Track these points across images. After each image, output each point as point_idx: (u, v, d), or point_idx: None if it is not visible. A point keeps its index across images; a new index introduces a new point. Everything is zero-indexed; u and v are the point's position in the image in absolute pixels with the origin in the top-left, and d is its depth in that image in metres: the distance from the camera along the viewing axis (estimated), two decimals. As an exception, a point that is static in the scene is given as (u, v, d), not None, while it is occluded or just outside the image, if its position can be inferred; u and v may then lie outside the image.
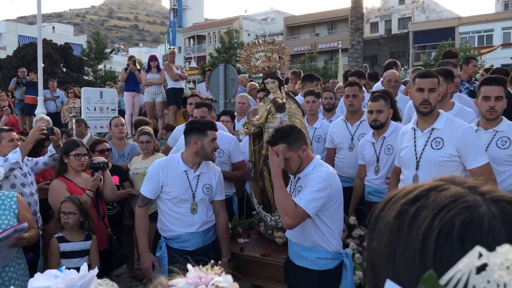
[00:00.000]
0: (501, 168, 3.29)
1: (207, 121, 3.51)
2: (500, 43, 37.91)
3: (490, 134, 3.36)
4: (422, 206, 0.66)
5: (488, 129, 3.37)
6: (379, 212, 0.73)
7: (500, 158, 3.28)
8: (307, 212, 2.76)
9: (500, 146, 3.31)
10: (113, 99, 8.23)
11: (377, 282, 0.68)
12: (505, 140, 3.30)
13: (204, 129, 3.37)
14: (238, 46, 42.76)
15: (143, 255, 3.40)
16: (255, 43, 3.62)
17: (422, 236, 0.63)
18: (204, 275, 0.77)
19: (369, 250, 0.72)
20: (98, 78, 40.54)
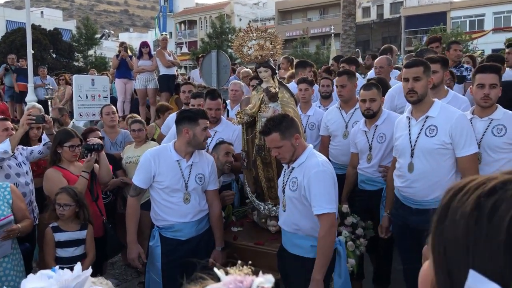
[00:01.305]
0: (498, 155, 3.29)
1: (199, 110, 3.49)
2: (491, 27, 37.98)
3: (486, 122, 3.35)
4: (501, 199, 0.68)
5: (483, 117, 3.36)
6: (449, 202, 0.77)
7: (497, 146, 3.28)
8: (333, 212, 2.83)
9: (496, 134, 3.30)
10: (105, 87, 8.16)
11: (451, 268, 0.71)
12: (501, 128, 3.29)
13: (196, 117, 3.35)
14: (229, 31, 42.44)
15: (130, 245, 3.40)
16: (247, 31, 3.59)
17: (506, 229, 0.65)
18: (243, 277, 0.75)
19: (440, 239, 0.76)
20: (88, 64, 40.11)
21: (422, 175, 3.18)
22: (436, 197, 3.18)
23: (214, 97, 4.23)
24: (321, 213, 2.81)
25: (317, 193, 2.82)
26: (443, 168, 3.15)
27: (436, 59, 3.99)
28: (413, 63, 3.33)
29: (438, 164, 3.15)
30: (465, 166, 3.11)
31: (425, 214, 3.21)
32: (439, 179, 3.16)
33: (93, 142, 4.03)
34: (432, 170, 3.16)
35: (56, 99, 10.86)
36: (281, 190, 3.11)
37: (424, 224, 3.15)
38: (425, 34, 38.03)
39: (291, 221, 3.00)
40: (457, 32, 34.08)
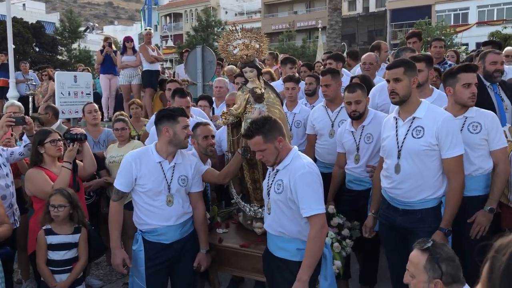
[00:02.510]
0: (476, 152, 3.34)
1: (177, 108, 3.41)
2: (475, 21, 38.35)
3: (461, 121, 3.36)
4: None
5: (458, 115, 3.37)
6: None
7: (475, 143, 3.32)
8: (322, 213, 2.82)
9: (472, 131, 3.33)
10: (87, 83, 8.03)
11: None
12: (476, 125, 3.33)
13: (175, 116, 3.28)
14: (215, 24, 42.19)
15: (114, 251, 3.33)
16: (233, 30, 3.53)
17: None
18: None
19: None
20: (72, 57, 39.59)
21: (409, 176, 3.16)
22: (423, 198, 3.16)
23: (183, 95, 4.17)
24: (311, 214, 2.78)
25: (305, 195, 2.79)
26: (430, 169, 3.13)
27: (421, 57, 3.97)
28: (393, 64, 3.30)
29: (425, 165, 3.13)
30: (450, 167, 3.10)
31: (411, 214, 3.21)
32: (426, 180, 3.14)
33: (75, 132, 3.97)
34: (419, 171, 3.14)
35: (38, 95, 10.68)
36: (266, 193, 3.07)
37: (410, 225, 3.14)
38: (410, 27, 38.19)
39: (276, 224, 2.96)
40: (441, 26, 34.33)
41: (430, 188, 3.16)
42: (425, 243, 2.15)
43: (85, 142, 4.07)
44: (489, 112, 3.42)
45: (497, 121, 3.38)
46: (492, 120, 3.35)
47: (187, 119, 3.36)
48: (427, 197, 3.16)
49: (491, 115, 3.38)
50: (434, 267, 2.07)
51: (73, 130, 4.05)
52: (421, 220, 3.17)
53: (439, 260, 2.09)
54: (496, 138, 3.34)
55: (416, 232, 3.17)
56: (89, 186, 4.63)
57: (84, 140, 4.02)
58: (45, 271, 3.53)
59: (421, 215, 3.17)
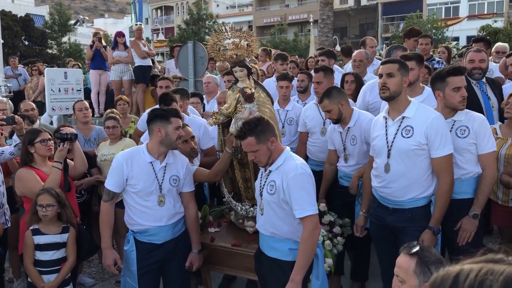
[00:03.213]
0: (464, 157, 3.31)
1: (171, 109, 3.40)
2: (466, 15, 38.51)
3: (449, 124, 3.32)
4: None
5: (447, 118, 3.32)
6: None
7: (462, 148, 3.28)
8: (315, 214, 2.84)
9: (459, 135, 3.30)
10: (78, 80, 7.95)
11: None
12: (464, 129, 3.29)
13: (168, 116, 3.27)
14: (207, 17, 41.97)
15: (106, 252, 3.32)
16: (222, 30, 3.52)
17: None
18: None
19: None
20: (62, 51, 39.25)
21: (398, 175, 3.18)
22: (413, 197, 3.19)
23: (168, 103, 4.11)
24: (304, 215, 2.79)
25: (298, 196, 2.80)
26: (419, 169, 3.15)
27: (411, 56, 3.98)
28: (389, 60, 3.31)
29: (414, 165, 3.15)
30: (439, 166, 3.12)
31: (401, 213, 3.24)
32: (416, 179, 3.16)
33: (66, 132, 3.95)
34: (408, 170, 3.15)
35: (29, 90, 10.59)
36: (258, 193, 3.08)
37: (400, 223, 3.16)
38: (401, 20, 38.35)
39: (269, 225, 2.98)
40: (432, 19, 34.43)
41: (420, 187, 3.18)
42: (412, 248, 2.15)
43: (75, 142, 4.05)
44: (478, 115, 3.37)
45: (486, 125, 3.33)
46: (481, 124, 3.30)
47: (180, 120, 3.35)
48: (416, 196, 3.19)
49: (480, 119, 3.34)
50: (424, 270, 2.08)
51: (63, 129, 4.03)
52: (411, 219, 3.20)
53: (429, 263, 2.10)
54: (484, 142, 3.29)
55: (406, 231, 3.20)
56: (80, 185, 4.61)
57: (75, 139, 4.00)
58: (32, 272, 3.51)
59: (411, 214, 3.20)
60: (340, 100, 3.93)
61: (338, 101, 3.92)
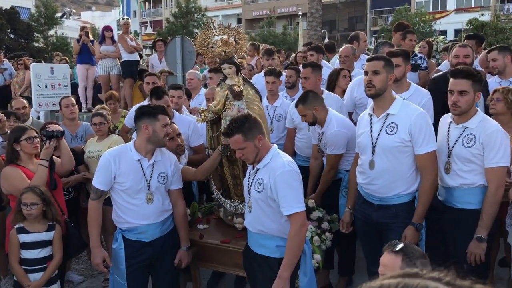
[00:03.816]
0: (466, 167, 3.16)
1: (158, 106, 3.39)
2: (454, 8, 38.73)
3: (459, 130, 3.19)
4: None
5: (459, 123, 3.19)
6: None
7: (465, 157, 3.14)
8: (302, 211, 2.84)
9: (465, 144, 3.13)
10: (64, 75, 7.87)
11: None
12: (471, 138, 3.11)
13: (155, 113, 3.26)
14: (195, 10, 41.67)
15: (94, 250, 3.32)
16: (210, 27, 3.50)
17: None
18: None
19: None
20: (49, 44, 38.79)
21: (383, 172, 3.20)
22: (397, 194, 3.22)
23: (160, 96, 4.10)
24: (291, 213, 2.81)
25: (285, 194, 2.82)
26: (403, 165, 3.17)
27: (398, 52, 3.99)
28: (374, 57, 3.32)
29: (398, 162, 3.16)
30: (423, 163, 3.14)
31: (386, 209, 3.27)
32: (400, 176, 3.18)
33: (52, 129, 3.92)
34: (392, 167, 3.17)
35: (15, 85, 10.44)
36: (246, 191, 3.09)
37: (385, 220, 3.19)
38: (390, 14, 38.43)
39: (257, 222, 2.99)
40: (421, 12, 34.56)
41: (404, 183, 3.20)
42: (396, 245, 2.18)
43: (62, 139, 4.02)
44: (492, 124, 3.12)
45: (497, 136, 3.06)
46: (491, 134, 3.05)
47: (167, 117, 3.35)
48: (401, 193, 3.21)
49: (493, 129, 3.08)
50: (410, 266, 2.12)
51: (49, 127, 3.99)
52: (396, 215, 3.23)
53: (414, 258, 2.14)
54: (491, 154, 3.05)
55: (391, 227, 3.24)
56: (68, 182, 4.58)
57: (61, 137, 3.97)
58: (18, 271, 3.49)
59: (396, 210, 3.23)
60: (315, 106, 3.96)
61: (312, 106, 3.95)
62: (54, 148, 3.91)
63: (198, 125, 4.35)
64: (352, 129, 4.01)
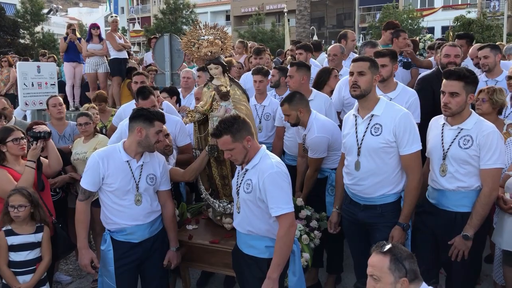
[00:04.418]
0: (463, 169, 3.09)
1: (157, 112, 3.35)
2: (441, 5, 39.03)
3: (455, 132, 3.12)
4: None
5: (454, 125, 3.13)
6: None
7: (462, 159, 3.07)
8: (291, 212, 2.85)
9: (462, 145, 3.06)
10: (51, 73, 7.78)
11: None
12: (468, 139, 3.05)
13: (153, 118, 3.24)
14: (184, 7, 41.46)
15: (81, 251, 3.30)
16: (196, 27, 3.49)
17: None
18: None
19: None
20: (36, 41, 38.34)
21: (368, 173, 3.21)
22: (383, 194, 3.24)
23: (146, 96, 4.06)
24: (279, 214, 2.82)
25: (274, 195, 2.83)
26: (388, 166, 3.19)
27: (385, 52, 4.02)
28: (360, 58, 3.33)
29: (383, 162, 3.18)
30: (408, 163, 3.16)
31: (372, 210, 3.29)
32: (385, 176, 3.20)
33: (39, 130, 3.89)
34: (378, 168, 3.19)
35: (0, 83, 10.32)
36: (235, 192, 3.10)
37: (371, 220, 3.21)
38: (378, 11, 38.59)
39: (246, 223, 3.00)
40: (408, 9, 34.76)
41: (390, 184, 3.22)
42: (383, 246, 2.21)
43: (49, 140, 3.98)
44: (488, 126, 3.07)
45: (493, 137, 3.01)
46: (488, 135, 3.00)
47: (163, 125, 3.34)
48: (386, 193, 3.23)
49: (489, 130, 3.03)
50: (398, 266, 2.14)
51: (36, 127, 3.96)
52: (382, 215, 3.25)
53: (402, 259, 2.16)
54: (487, 156, 3.00)
55: (377, 227, 3.27)
56: (55, 183, 4.54)
57: (48, 137, 3.94)
58: (6, 273, 3.47)
59: (382, 210, 3.25)
60: (300, 107, 3.97)
61: (297, 107, 3.96)
62: (41, 149, 3.88)
63: (185, 125, 4.34)
64: (334, 132, 4.04)
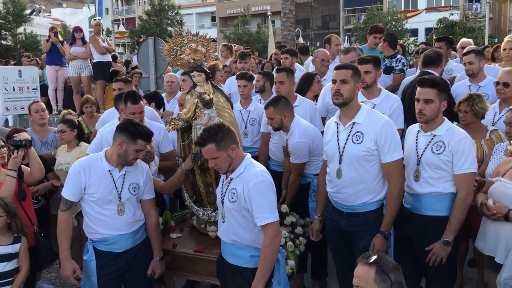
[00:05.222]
0: (436, 174, 3.19)
1: (144, 130, 3.25)
2: (424, 7, 39.50)
3: (428, 138, 3.22)
4: None
5: (428, 131, 3.23)
6: None
7: (434, 164, 3.16)
8: (276, 221, 2.84)
9: (434, 151, 3.16)
10: (33, 78, 7.64)
11: None
12: (440, 145, 3.15)
13: (137, 136, 3.18)
14: (169, 8, 41.28)
15: (64, 262, 3.25)
16: (178, 34, 3.46)
17: None
18: None
19: None
20: (18, 43, 37.85)
21: (350, 181, 3.21)
22: (365, 202, 3.24)
23: (136, 101, 4.01)
24: (265, 223, 2.81)
25: (259, 204, 2.82)
26: (370, 174, 3.19)
27: (368, 59, 4.03)
28: (342, 66, 3.32)
29: (365, 170, 3.18)
30: (389, 171, 3.17)
31: (355, 217, 3.29)
32: (367, 184, 3.20)
33: (20, 138, 3.81)
34: (359, 176, 3.19)
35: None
36: (220, 201, 3.08)
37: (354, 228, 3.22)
38: (363, 12, 38.88)
39: (230, 233, 2.99)
40: (392, 11, 35.10)
41: (372, 191, 3.23)
42: (369, 257, 2.20)
43: (30, 148, 3.91)
44: (460, 132, 3.19)
45: (466, 143, 3.12)
46: (460, 141, 3.11)
47: (147, 144, 3.28)
48: (368, 201, 3.23)
49: (461, 136, 3.14)
50: (384, 278, 2.14)
51: (17, 136, 3.88)
52: (364, 223, 3.25)
53: (387, 270, 2.16)
54: (460, 161, 3.10)
55: (360, 235, 3.27)
56: (37, 191, 4.48)
57: (29, 146, 3.86)
58: None
59: (364, 218, 3.25)
60: (285, 112, 3.98)
61: (282, 111, 3.97)
62: (22, 157, 3.81)
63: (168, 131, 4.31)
64: (315, 137, 4.04)
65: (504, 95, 4.30)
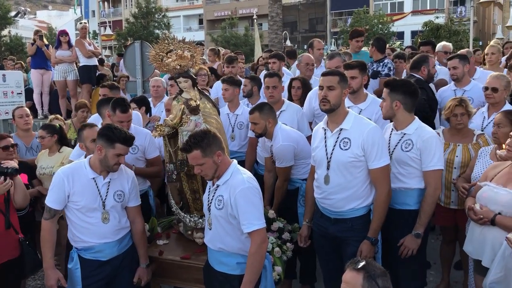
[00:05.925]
0: (405, 170, 3.36)
1: (123, 135, 3.19)
2: (410, 10, 39.95)
3: (399, 136, 3.39)
4: None
5: (399, 130, 3.40)
6: None
7: (403, 161, 3.34)
8: (262, 228, 2.84)
9: (403, 148, 3.34)
10: (18, 82, 7.57)
11: None
12: (409, 143, 3.32)
13: (114, 140, 3.13)
14: (156, 11, 41.14)
15: (47, 272, 3.20)
16: (164, 40, 3.44)
17: None
18: None
19: None
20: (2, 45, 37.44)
21: (338, 187, 3.22)
22: (352, 208, 3.25)
23: (126, 109, 3.96)
24: (251, 230, 2.80)
25: (246, 211, 2.81)
26: (358, 180, 3.20)
27: (354, 64, 4.06)
28: (329, 72, 3.34)
29: (353, 176, 3.20)
30: (376, 177, 3.19)
31: (343, 223, 3.30)
32: (355, 190, 3.22)
33: (6, 165, 3.67)
34: (347, 182, 3.20)
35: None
36: (206, 208, 3.06)
37: (342, 233, 3.23)
38: (349, 15, 39.19)
39: (217, 240, 2.97)
40: (379, 14, 35.40)
41: (359, 197, 3.24)
42: (357, 263, 2.20)
43: (16, 176, 3.71)
44: (427, 131, 3.37)
45: (433, 141, 3.31)
46: (427, 140, 3.29)
47: (126, 148, 3.22)
48: (356, 207, 3.25)
49: (428, 135, 3.32)
50: (372, 284, 2.14)
51: (4, 163, 3.72)
52: (352, 229, 3.26)
53: (375, 276, 2.16)
54: (428, 159, 3.29)
55: (348, 241, 3.27)
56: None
57: (15, 174, 3.67)
58: None
59: (352, 223, 3.26)
60: (269, 118, 3.98)
61: (267, 117, 3.97)
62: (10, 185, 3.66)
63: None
64: (299, 140, 4.06)
65: (493, 100, 4.33)
